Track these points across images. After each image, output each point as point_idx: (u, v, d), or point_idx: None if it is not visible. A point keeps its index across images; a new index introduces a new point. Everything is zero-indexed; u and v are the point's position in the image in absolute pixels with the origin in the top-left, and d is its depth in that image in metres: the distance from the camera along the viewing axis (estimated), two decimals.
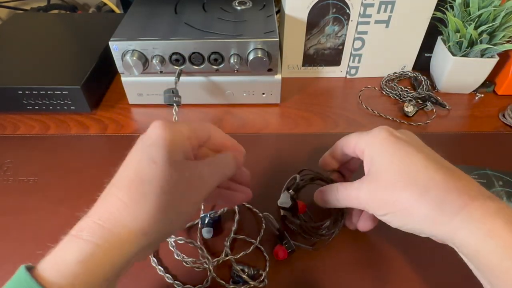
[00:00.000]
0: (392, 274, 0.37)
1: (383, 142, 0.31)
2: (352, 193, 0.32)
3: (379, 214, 0.31)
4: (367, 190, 0.31)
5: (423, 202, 0.27)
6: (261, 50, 0.51)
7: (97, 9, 0.81)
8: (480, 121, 0.56)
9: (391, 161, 0.30)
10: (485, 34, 0.52)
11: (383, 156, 0.31)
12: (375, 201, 0.30)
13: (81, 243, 0.23)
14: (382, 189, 0.30)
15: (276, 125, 0.55)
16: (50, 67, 0.56)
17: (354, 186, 0.32)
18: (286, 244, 0.38)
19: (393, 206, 0.29)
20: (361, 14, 0.57)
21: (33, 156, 0.50)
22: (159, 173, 0.25)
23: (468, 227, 0.26)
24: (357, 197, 0.32)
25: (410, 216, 0.28)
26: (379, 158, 0.31)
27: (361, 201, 0.32)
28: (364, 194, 0.31)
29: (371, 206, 0.31)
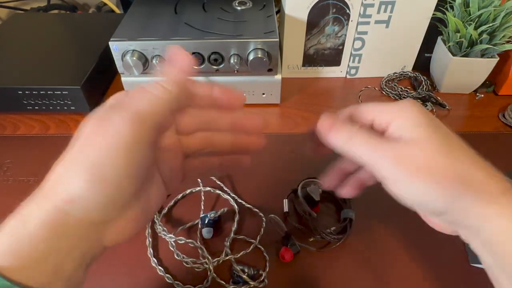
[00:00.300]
0: (392, 275, 0.37)
1: (420, 115, 0.27)
2: (381, 146, 0.27)
3: (400, 180, 0.27)
4: (399, 152, 0.26)
5: (464, 178, 0.26)
6: (261, 50, 0.51)
7: (97, 9, 0.81)
8: (480, 121, 0.56)
9: (433, 132, 0.27)
10: (485, 34, 0.52)
11: (423, 127, 0.27)
12: (406, 165, 0.26)
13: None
14: (421, 155, 0.26)
15: (276, 125, 0.55)
16: (50, 67, 0.56)
17: (385, 141, 0.27)
18: (292, 245, 0.38)
19: (430, 176, 0.26)
20: (361, 14, 0.57)
21: (33, 156, 0.50)
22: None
23: (508, 214, 0.25)
24: (383, 155, 0.27)
25: (442, 190, 0.26)
26: (418, 128, 0.27)
27: (384, 161, 0.27)
28: (394, 153, 0.26)
29: (394, 172, 0.27)
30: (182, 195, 0.45)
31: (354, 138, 0.28)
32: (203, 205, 0.43)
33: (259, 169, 0.48)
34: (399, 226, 0.41)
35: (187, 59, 0.28)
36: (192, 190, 0.45)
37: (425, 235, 0.40)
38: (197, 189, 0.45)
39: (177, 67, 0.28)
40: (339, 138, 0.28)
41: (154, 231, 0.41)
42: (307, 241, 0.40)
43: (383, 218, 0.42)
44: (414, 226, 0.41)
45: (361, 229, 0.41)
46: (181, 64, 0.28)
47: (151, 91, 0.27)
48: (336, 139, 0.29)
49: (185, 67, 0.28)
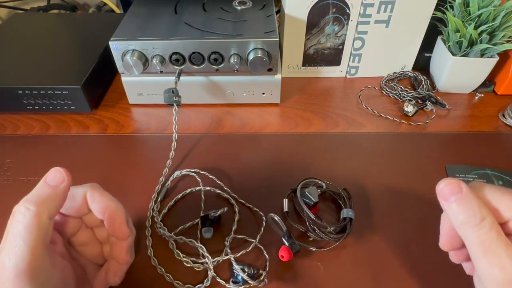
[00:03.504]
0: (392, 275, 0.37)
1: None
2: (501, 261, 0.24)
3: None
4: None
5: None
6: (261, 50, 0.51)
7: (97, 9, 0.81)
8: (480, 121, 0.56)
9: None
10: (485, 34, 0.52)
11: None
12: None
13: None
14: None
15: (276, 125, 0.55)
16: (50, 67, 0.56)
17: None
18: (291, 244, 0.38)
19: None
20: (361, 14, 0.57)
21: (33, 156, 0.50)
22: None
23: None
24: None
25: None
26: None
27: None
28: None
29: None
30: (182, 195, 0.45)
31: (481, 231, 0.24)
32: (203, 205, 0.43)
33: (259, 168, 0.48)
34: (399, 226, 0.41)
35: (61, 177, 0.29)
36: (192, 189, 0.45)
37: (425, 235, 0.40)
38: (197, 188, 0.45)
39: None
40: (460, 214, 0.25)
41: (154, 230, 0.41)
42: (307, 241, 0.40)
43: (383, 218, 0.42)
44: (414, 226, 0.41)
45: (361, 229, 0.41)
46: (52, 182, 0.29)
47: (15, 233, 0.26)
48: (457, 213, 0.25)
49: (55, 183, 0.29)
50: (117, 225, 0.31)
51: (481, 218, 0.25)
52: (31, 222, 0.26)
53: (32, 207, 0.26)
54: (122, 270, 0.34)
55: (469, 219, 0.25)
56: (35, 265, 0.25)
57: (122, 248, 0.33)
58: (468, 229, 0.25)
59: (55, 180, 0.28)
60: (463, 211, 0.25)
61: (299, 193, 0.42)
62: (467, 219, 0.25)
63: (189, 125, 0.55)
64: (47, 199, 0.27)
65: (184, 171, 0.47)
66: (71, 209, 0.31)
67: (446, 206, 0.26)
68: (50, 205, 0.27)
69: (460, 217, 0.25)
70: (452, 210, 0.26)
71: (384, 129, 0.54)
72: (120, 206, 0.32)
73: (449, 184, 0.26)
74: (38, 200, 0.27)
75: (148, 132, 0.54)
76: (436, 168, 0.48)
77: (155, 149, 0.51)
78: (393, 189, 0.45)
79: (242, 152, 0.50)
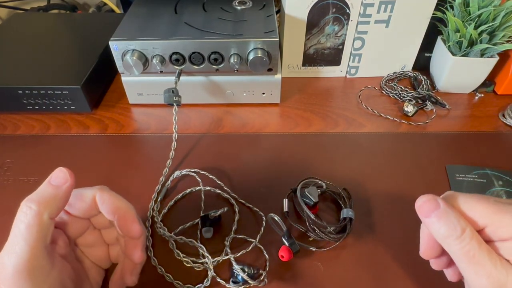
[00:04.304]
0: (392, 274, 0.37)
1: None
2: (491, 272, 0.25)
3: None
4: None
5: None
6: (261, 50, 0.51)
7: (97, 9, 0.81)
8: (480, 121, 0.56)
9: None
10: (485, 34, 0.52)
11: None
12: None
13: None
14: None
15: (276, 125, 0.55)
16: (50, 67, 0.56)
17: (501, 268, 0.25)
18: (291, 244, 0.38)
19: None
20: (361, 14, 0.57)
21: (33, 156, 0.50)
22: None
23: None
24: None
25: None
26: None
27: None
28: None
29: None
30: (182, 195, 0.45)
31: (463, 243, 0.25)
32: (203, 205, 0.43)
33: (259, 168, 0.48)
34: (399, 226, 0.41)
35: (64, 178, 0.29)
36: (192, 189, 0.45)
37: None
38: (197, 188, 0.45)
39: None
40: (441, 229, 0.26)
41: (154, 230, 0.41)
42: (307, 241, 0.40)
43: (383, 218, 0.42)
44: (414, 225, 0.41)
45: (361, 229, 0.41)
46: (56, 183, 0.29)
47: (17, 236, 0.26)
48: (438, 228, 0.26)
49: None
50: (129, 224, 0.31)
51: (461, 230, 0.26)
52: (32, 221, 0.26)
53: (34, 206, 0.26)
54: (138, 269, 0.33)
55: (450, 233, 0.26)
56: (34, 264, 0.25)
57: (136, 246, 0.32)
58: (451, 242, 0.26)
59: (58, 180, 0.28)
60: (443, 226, 0.26)
61: (299, 193, 0.42)
62: (448, 232, 0.26)
63: (189, 125, 0.55)
64: (48, 199, 0.27)
65: (184, 171, 0.47)
66: (79, 210, 0.31)
67: (427, 223, 0.27)
68: (51, 205, 0.27)
69: (442, 231, 0.26)
70: (434, 225, 0.27)
71: (384, 129, 0.54)
72: (130, 205, 0.32)
73: (427, 202, 0.27)
74: (40, 199, 0.27)
75: (148, 132, 0.54)
76: (436, 168, 0.48)
77: (155, 149, 0.51)
78: (393, 189, 0.45)
79: (242, 152, 0.50)
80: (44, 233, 0.26)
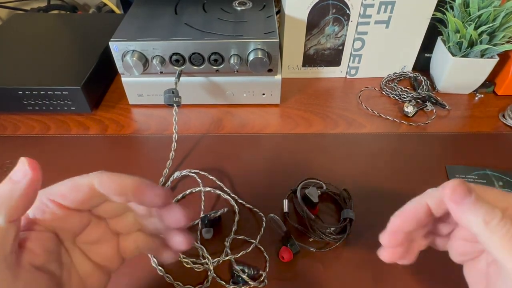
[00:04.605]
0: (392, 275, 0.37)
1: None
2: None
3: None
4: None
5: None
6: (261, 50, 0.51)
7: (97, 10, 0.81)
8: (480, 121, 0.56)
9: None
10: (485, 35, 0.52)
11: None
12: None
13: None
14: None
15: (276, 125, 0.55)
16: (50, 67, 0.56)
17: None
18: (291, 245, 0.38)
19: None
20: (361, 15, 0.57)
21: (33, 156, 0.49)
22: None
23: None
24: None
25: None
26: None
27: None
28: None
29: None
30: (182, 195, 0.45)
31: (507, 226, 0.23)
32: (203, 205, 0.43)
33: (259, 169, 0.48)
34: None
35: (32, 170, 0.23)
36: (192, 190, 0.45)
37: None
38: (197, 189, 0.45)
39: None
40: (480, 214, 0.24)
41: None
42: (307, 241, 0.40)
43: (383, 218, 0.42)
44: None
45: (361, 229, 0.41)
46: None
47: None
48: (476, 214, 0.24)
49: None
50: (148, 191, 0.25)
51: (501, 212, 0.23)
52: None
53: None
54: (185, 233, 0.29)
55: (492, 216, 0.23)
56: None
57: (173, 210, 0.27)
58: (493, 227, 0.23)
59: (17, 174, 0.23)
60: (482, 210, 0.23)
61: (299, 194, 0.42)
62: (490, 216, 0.23)
63: (189, 126, 0.55)
64: (3, 198, 0.22)
65: (184, 171, 0.47)
66: (75, 201, 0.25)
67: (460, 211, 0.24)
68: (6, 205, 0.22)
69: (481, 217, 0.23)
70: (469, 212, 0.24)
71: (384, 130, 0.54)
72: (138, 178, 0.26)
73: (458, 188, 0.24)
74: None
75: (148, 132, 0.54)
76: (436, 168, 0.48)
77: (155, 150, 0.51)
78: (393, 190, 0.45)
79: (242, 153, 0.50)
80: (1, 242, 0.21)
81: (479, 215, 0.23)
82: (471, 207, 0.24)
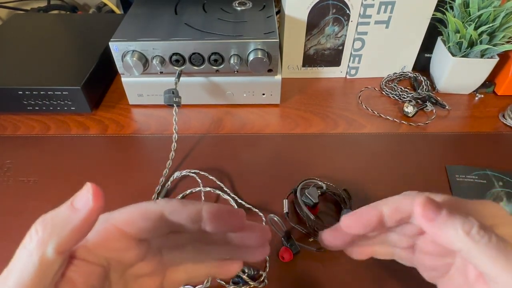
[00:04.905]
0: (391, 275, 0.37)
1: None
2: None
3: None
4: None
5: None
6: (261, 50, 0.51)
7: (97, 10, 0.81)
8: (480, 121, 0.56)
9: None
10: (485, 35, 0.52)
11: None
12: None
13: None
14: None
15: (276, 125, 0.55)
16: (50, 67, 0.56)
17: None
18: (292, 245, 0.38)
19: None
20: (361, 15, 0.57)
21: (33, 156, 0.50)
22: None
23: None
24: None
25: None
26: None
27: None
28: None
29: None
30: (182, 195, 0.45)
31: (477, 239, 0.22)
32: None
33: (259, 169, 0.48)
34: None
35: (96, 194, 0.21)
36: (192, 190, 0.45)
37: None
38: (197, 189, 0.45)
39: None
40: (458, 225, 0.22)
41: None
42: (307, 241, 0.40)
43: None
44: None
45: None
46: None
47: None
48: (445, 230, 0.22)
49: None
50: (227, 215, 0.23)
51: (476, 221, 0.22)
52: (33, 251, 0.19)
53: (40, 231, 0.19)
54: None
55: (470, 225, 0.22)
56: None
57: (255, 229, 0.25)
58: (474, 237, 0.22)
59: (79, 201, 0.21)
60: (459, 221, 0.22)
61: (299, 194, 0.42)
62: (468, 225, 0.22)
63: (189, 126, 0.55)
64: (59, 225, 0.20)
65: (184, 171, 0.47)
66: (142, 230, 0.23)
67: (436, 227, 0.23)
68: (60, 233, 0.19)
69: (459, 228, 0.22)
70: (447, 226, 0.22)
71: (384, 130, 0.54)
72: (208, 202, 0.24)
73: (427, 202, 0.23)
74: (51, 222, 0.20)
75: (148, 132, 0.54)
76: (436, 168, 0.48)
77: (155, 150, 0.51)
78: (393, 190, 0.45)
79: (242, 153, 0.50)
80: (43, 271, 0.19)
81: (457, 226, 0.22)
82: (446, 221, 0.22)
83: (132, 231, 0.22)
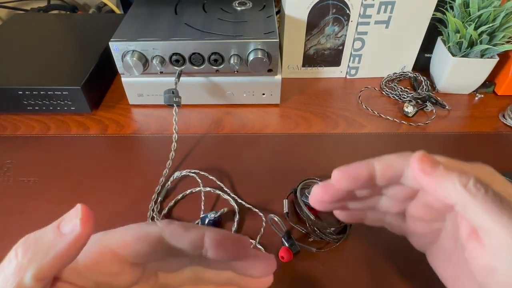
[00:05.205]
0: (392, 275, 0.37)
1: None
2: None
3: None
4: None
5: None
6: (261, 50, 0.51)
7: (97, 10, 0.81)
8: (480, 121, 0.56)
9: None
10: (485, 35, 0.52)
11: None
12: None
13: None
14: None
15: (276, 125, 0.55)
16: (50, 67, 0.56)
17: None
18: (291, 245, 0.38)
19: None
20: (361, 15, 0.57)
21: (33, 156, 0.50)
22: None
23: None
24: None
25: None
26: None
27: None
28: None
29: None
30: (182, 195, 0.45)
31: (474, 191, 0.22)
32: (203, 205, 0.43)
33: (259, 169, 0.48)
34: None
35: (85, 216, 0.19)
36: (192, 190, 0.45)
37: None
38: (197, 189, 0.45)
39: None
40: (447, 183, 0.22)
41: None
42: (307, 241, 0.40)
43: None
44: None
45: (360, 229, 0.41)
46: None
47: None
48: (443, 183, 0.22)
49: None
50: (229, 240, 0.22)
51: (472, 174, 0.22)
52: (8, 276, 0.17)
53: (20, 254, 0.18)
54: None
55: (467, 178, 0.22)
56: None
57: (261, 258, 0.24)
58: (471, 189, 0.22)
59: (65, 226, 0.19)
60: (456, 174, 0.22)
61: (299, 194, 0.42)
62: (465, 178, 0.22)
63: (189, 126, 0.55)
64: (41, 249, 0.18)
65: (184, 171, 0.47)
66: (137, 254, 0.21)
67: (433, 181, 0.22)
68: (41, 259, 0.18)
69: (457, 181, 0.22)
70: (445, 179, 0.22)
71: (384, 130, 0.54)
72: (212, 227, 0.23)
73: (424, 156, 0.23)
74: (33, 246, 0.18)
75: (148, 132, 0.54)
76: None
77: (155, 150, 0.51)
78: None
79: (242, 153, 0.50)
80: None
81: (455, 179, 0.22)
82: (444, 174, 0.22)
83: (127, 255, 0.21)
